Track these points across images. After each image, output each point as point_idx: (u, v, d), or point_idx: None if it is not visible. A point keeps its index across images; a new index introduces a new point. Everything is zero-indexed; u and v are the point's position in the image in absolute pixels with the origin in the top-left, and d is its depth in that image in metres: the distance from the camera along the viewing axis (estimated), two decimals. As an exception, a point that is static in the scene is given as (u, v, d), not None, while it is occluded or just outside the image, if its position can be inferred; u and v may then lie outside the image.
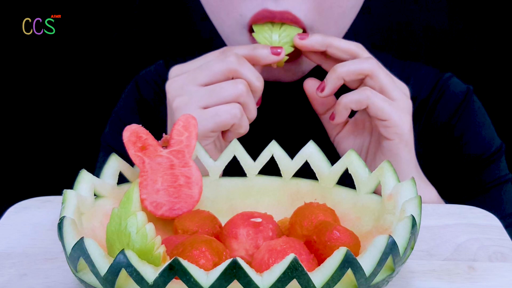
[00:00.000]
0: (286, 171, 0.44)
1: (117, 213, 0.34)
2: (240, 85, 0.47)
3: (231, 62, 0.48)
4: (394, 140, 0.50)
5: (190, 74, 0.49)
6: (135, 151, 0.41)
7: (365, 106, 0.49)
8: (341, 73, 0.49)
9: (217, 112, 0.47)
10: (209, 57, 0.51)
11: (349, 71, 0.49)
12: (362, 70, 0.49)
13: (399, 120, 0.49)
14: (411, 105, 0.51)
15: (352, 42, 0.51)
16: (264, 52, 0.50)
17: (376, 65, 0.49)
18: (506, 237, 0.44)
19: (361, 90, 0.49)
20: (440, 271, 0.39)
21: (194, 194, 0.42)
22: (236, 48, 0.50)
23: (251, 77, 0.48)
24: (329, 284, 0.31)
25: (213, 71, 0.48)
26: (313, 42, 0.50)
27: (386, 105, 0.49)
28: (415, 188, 0.38)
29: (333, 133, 0.56)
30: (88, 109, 1.03)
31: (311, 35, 0.50)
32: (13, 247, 0.42)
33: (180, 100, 0.48)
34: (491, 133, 0.63)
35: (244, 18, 0.52)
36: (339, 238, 0.35)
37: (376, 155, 0.53)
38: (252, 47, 0.50)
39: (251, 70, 0.49)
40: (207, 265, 0.34)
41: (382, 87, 0.49)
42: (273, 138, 0.46)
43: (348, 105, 0.50)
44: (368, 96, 0.48)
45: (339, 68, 0.49)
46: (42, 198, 0.49)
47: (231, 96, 0.47)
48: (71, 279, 0.38)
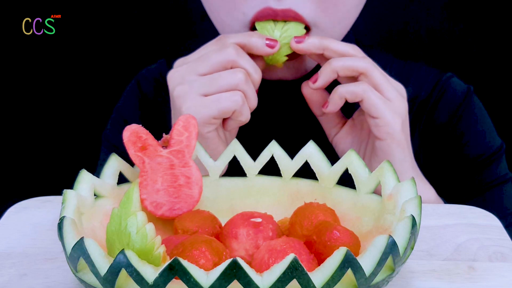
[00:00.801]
0: (286, 171, 0.44)
1: (117, 213, 0.34)
2: (239, 73, 0.48)
3: (230, 53, 0.49)
4: (386, 140, 0.50)
5: (190, 65, 0.50)
6: (135, 151, 0.41)
7: (360, 99, 0.49)
8: (336, 67, 0.50)
9: (219, 99, 0.48)
10: (208, 47, 0.51)
11: (344, 66, 0.49)
12: (357, 67, 0.49)
13: (391, 119, 0.49)
14: (407, 106, 0.51)
15: (349, 45, 0.51)
16: (259, 42, 0.50)
17: (371, 64, 0.50)
18: (506, 237, 0.43)
19: (359, 83, 0.49)
20: (440, 271, 0.39)
21: (194, 194, 0.42)
22: (232, 36, 0.50)
23: (249, 68, 0.49)
24: (329, 284, 0.31)
25: (212, 62, 0.49)
26: (310, 45, 0.50)
27: (380, 102, 0.49)
28: (415, 188, 0.38)
29: (331, 134, 0.56)
30: (88, 109, 1.03)
31: (307, 38, 0.50)
32: (13, 247, 0.42)
33: (181, 88, 0.49)
34: (491, 133, 0.63)
35: (246, 16, 0.52)
36: (339, 238, 0.35)
37: (371, 156, 0.53)
38: (248, 34, 0.50)
39: (249, 62, 0.49)
40: (207, 265, 0.34)
41: (376, 86, 0.49)
42: (273, 138, 0.46)
43: (343, 94, 0.50)
44: (364, 90, 0.49)
45: (334, 61, 0.50)
46: (42, 198, 0.48)
47: (230, 84, 0.48)
48: (71, 279, 0.38)
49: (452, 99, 0.63)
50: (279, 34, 0.51)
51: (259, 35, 0.51)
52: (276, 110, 0.62)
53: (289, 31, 0.51)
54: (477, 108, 0.64)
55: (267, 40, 0.50)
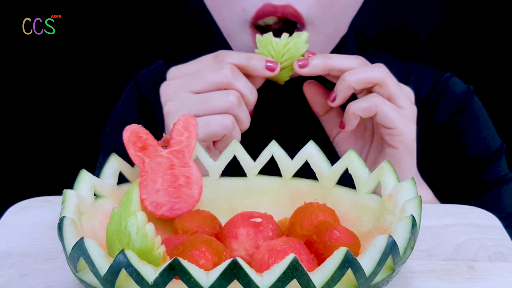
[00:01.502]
0: (286, 171, 0.44)
1: (117, 213, 0.34)
2: (232, 97, 0.47)
3: (226, 74, 0.47)
4: (399, 148, 0.50)
5: (184, 80, 0.49)
6: (135, 151, 0.41)
7: (374, 114, 0.49)
8: (351, 83, 0.48)
9: (209, 122, 0.47)
10: (204, 62, 0.50)
11: (359, 80, 0.48)
12: (372, 79, 0.48)
13: (405, 128, 0.49)
14: (416, 111, 0.51)
15: (352, 57, 0.50)
16: (258, 64, 0.49)
17: (386, 73, 0.49)
18: (506, 237, 0.43)
19: (369, 97, 0.49)
20: (440, 271, 0.39)
21: (194, 194, 0.42)
22: (231, 55, 0.49)
23: (244, 90, 0.48)
24: (329, 284, 0.31)
25: (206, 81, 0.48)
26: (314, 69, 0.49)
27: (394, 113, 0.48)
28: (415, 188, 0.38)
29: (333, 134, 0.55)
30: (88, 109, 1.03)
31: (311, 60, 0.49)
32: (13, 247, 0.42)
33: (172, 105, 0.48)
34: (491, 133, 0.63)
35: (247, 13, 0.51)
36: (339, 238, 0.35)
37: (377, 160, 0.52)
38: (247, 57, 0.49)
39: (245, 84, 0.48)
40: (207, 265, 0.34)
41: (390, 95, 0.49)
42: (273, 138, 0.46)
43: (356, 113, 0.49)
44: (377, 104, 0.48)
45: (348, 77, 0.48)
46: (42, 198, 0.48)
47: (221, 107, 0.47)
48: (71, 279, 0.38)
49: (452, 99, 0.63)
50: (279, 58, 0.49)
51: (259, 57, 0.49)
52: (276, 109, 0.62)
53: (292, 51, 0.49)
54: (477, 108, 0.64)
55: (267, 62, 0.49)
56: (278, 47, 0.49)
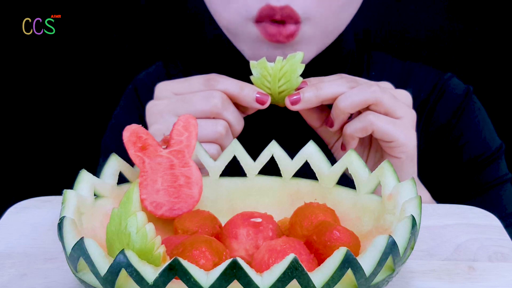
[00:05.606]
0: (286, 171, 0.44)
1: (117, 213, 0.34)
2: (220, 127, 0.47)
3: (215, 104, 0.47)
4: (401, 158, 0.50)
5: (172, 103, 0.48)
6: (135, 151, 0.41)
7: (371, 132, 0.48)
8: (346, 109, 0.48)
9: None
10: (195, 84, 0.49)
11: (353, 105, 0.48)
12: (366, 101, 0.47)
13: (405, 139, 0.48)
14: (415, 115, 0.51)
15: (340, 80, 0.49)
16: (249, 96, 0.48)
17: (378, 91, 0.47)
18: (506, 237, 0.44)
19: (364, 116, 0.48)
20: (440, 271, 0.39)
21: (194, 194, 0.42)
22: (223, 81, 0.48)
23: (232, 120, 0.48)
24: (329, 284, 0.31)
25: (195, 107, 0.47)
26: (307, 104, 0.48)
27: (391, 127, 0.48)
28: (415, 188, 0.38)
29: (331, 142, 0.55)
30: (88, 109, 1.03)
31: (302, 94, 0.48)
32: (13, 247, 0.42)
33: (157, 128, 0.48)
34: (491, 133, 0.64)
35: (248, 13, 0.51)
36: (339, 238, 0.35)
37: (377, 165, 0.52)
38: (239, 87, 0.48)
39: (233, 114, 0.48)
40: (207, 265, 0.34)
41: (387, 110, 0.48)
42: (273, 138, 0.46)
43: (353, 134, 0.49)
44: (372, 122, 0.48)
45: (342, 103, 0.48)
46: (42, 198, 0.49)
47: (209, 137, 0.47)
48: (71, 279, 0.38)
49: (451, 99, 0.63)
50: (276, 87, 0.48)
51: (251, 88, 0.48)
52: (276, 109, 0.62)
53: (288, 74, 0.48)
54: (476, 108, 0.64)
55: (258, 94, 0.48)
56: (274, 71, 0.48)
